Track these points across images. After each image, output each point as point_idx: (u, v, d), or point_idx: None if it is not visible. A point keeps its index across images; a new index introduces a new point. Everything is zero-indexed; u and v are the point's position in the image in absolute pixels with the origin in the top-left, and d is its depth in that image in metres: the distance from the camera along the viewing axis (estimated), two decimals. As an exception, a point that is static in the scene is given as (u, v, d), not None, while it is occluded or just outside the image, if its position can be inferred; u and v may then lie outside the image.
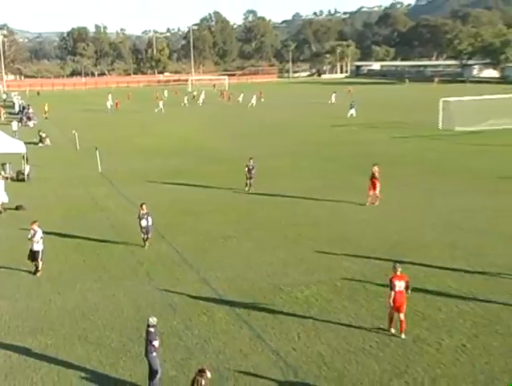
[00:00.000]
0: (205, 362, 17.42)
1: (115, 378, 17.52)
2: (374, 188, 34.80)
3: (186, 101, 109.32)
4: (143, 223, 27.82)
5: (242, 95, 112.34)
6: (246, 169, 39.07)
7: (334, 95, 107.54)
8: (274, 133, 68.89)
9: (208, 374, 15.09)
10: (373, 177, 34.78)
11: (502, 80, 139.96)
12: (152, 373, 16.66)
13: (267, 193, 38.31)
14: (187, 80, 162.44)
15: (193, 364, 17.07)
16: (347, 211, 34.34)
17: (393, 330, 19.46)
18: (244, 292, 23.36)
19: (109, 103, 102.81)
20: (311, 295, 22.87)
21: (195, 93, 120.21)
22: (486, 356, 18.22)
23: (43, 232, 25.97)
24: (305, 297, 22.77)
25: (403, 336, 19.04)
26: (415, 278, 23.71)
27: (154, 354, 16.60)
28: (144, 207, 27.97)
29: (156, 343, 16.60)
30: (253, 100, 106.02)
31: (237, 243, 29.41)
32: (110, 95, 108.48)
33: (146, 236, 28.27)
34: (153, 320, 16.80)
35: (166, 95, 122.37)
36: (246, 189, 39.15)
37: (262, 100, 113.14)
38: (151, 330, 16.63)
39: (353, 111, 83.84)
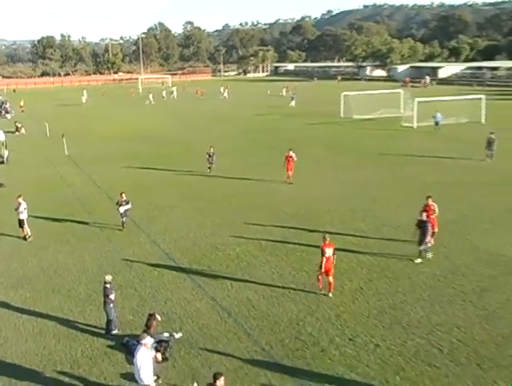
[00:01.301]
0: (156, 308, 17.40)
1: (83, 323, 17.50)
2: (291, 168, 34.32)
3: (164, 95, 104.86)
4: (121, 209, 25.61)
5: (222, 88, 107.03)
6: (207, 155, 37.53)
7: (284, 89, 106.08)
8: (221, 122, 67.37)
9: (158, 317, 15.08)
10: (291, 159, 34.27)
11: (388, 78, 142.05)
12: (108, 321, 16.71)
13: (203, 171, 38.07)
14: (137, 79, 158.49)
15: (146, 310, 16.98)
16: (271, 184, 34.40)
17: (322, 291, 18.76)
18: (187, 250, 23.30)
19: (84, 98, 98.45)
20: (241, 252, 22.96)
21: (172, 89, 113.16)
22: (378, 296, 18.69)
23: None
24: (236, 253, 22.85)
25: (330, 295, 18.64)
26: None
27: (111, 305, 16.62)
28: (124, 195, 25.83)
29: (112, 296, 16.60)
30: (226, 94, 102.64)
31: (180, 211, 29.19)
32: (85, 91, 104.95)
33: (124, 220, 25.95)
34: (108, 278, 16.90)
35: (140, 91, 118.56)
36: (207, 171, 37.27)
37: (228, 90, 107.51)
38: (107, 286, 16.68)
39: (293, 103, 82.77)
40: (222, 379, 12.06)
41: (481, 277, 19.88)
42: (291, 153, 34.24)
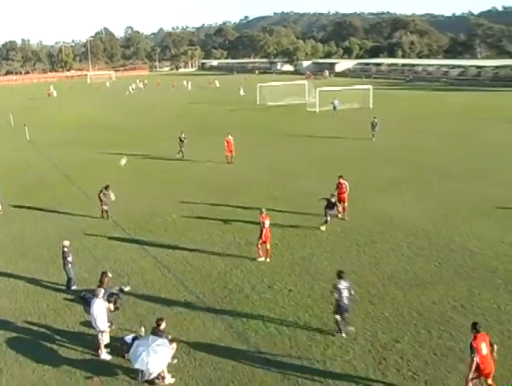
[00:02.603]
0: (107, 266, 16.99)
1: (47, 280, 17.25)
2: (230, 150, 33.06)
3: (134, 87, 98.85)
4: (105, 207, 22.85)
5: (185, 82, 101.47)
6: (179, 139, 35.01)
7: (217, 81, 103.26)
8: (162, 110, 65.67)
9: (109, 274, 14.84)
10: (230, 142, 33.09)
11: (295, 72, 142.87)
12: (68, 279, 16.54)
13: (147, 153, 37.23)
14: (86, 75, 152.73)
15: (99, 269, 16.54)
16: (203, 162, 34.03)
17: (262, 259, 17.89)
18: (131, 219, 22.83)
19: (54, 92, 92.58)
20: (177, 218, 22.72)
21: (141, 83, 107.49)
22: (290, 250, 18.97)
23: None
24: (173, 219, 22.60)
25: (268, 260, 17.91)
26: (245, 204, 24.16)
27: (70, 265, 16.47)
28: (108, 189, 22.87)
29: (70, 258, 16.44)
30: (189, 86, 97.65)
31: (125, 186, 28.36)
32: (52, 86, 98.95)
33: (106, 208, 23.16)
34: (66, 243, 16.72)
35: (108, 85, 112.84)
36: (179, 156, 34.71)
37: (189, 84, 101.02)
38: (65, 249, 16.51)
39: (242, 92, 78.79)
40: (164, 322, 12.08)
41: (372, 232, 20.52)
42: (230, 137, 33.36)
